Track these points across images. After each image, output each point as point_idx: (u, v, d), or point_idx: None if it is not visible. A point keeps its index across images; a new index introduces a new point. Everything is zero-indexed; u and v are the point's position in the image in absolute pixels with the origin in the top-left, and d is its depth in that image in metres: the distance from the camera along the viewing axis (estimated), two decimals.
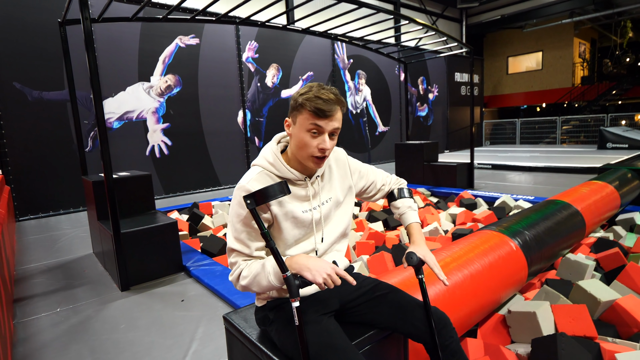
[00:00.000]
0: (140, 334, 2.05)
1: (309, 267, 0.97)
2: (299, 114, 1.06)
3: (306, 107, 1.03)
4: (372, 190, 1.38)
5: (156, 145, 6.39)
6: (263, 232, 0.96)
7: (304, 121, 1.05)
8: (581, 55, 16.40)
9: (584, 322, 1.72)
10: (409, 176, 6.37)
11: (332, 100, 1.03)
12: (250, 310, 1.34)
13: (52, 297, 2.57)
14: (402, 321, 1.14)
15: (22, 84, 5.07)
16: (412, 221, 1.33)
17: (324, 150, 1.06)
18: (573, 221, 2.60)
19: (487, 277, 1.78)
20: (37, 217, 5.23)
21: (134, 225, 2.78)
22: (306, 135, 1.05)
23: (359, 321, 1.20)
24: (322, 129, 1.04)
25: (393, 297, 1.18)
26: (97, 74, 2.56)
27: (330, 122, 1.04)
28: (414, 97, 11.70)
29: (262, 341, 1.15)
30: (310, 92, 1.04)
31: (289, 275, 0.94)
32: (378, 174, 1.39)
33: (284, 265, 0.95)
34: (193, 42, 6.64)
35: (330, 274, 0.96)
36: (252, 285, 1.05)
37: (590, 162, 7.76)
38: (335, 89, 1.07)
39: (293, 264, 1.01)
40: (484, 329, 1.90)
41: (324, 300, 1.14)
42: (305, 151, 1.07)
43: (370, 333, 1.17)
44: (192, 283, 2.71)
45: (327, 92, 1.04)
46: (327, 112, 1.03)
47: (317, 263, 0.98)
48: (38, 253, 3.59)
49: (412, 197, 1.40)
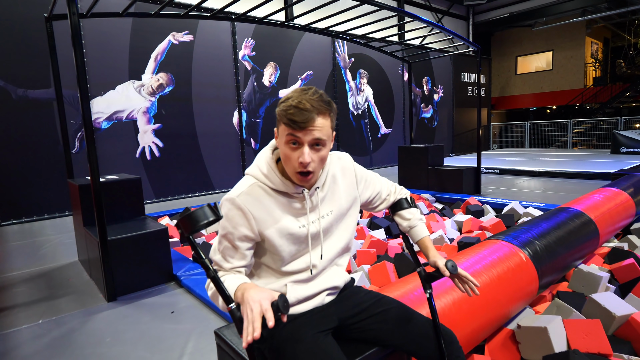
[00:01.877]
0: (126, 348, 2.03)
1: (243, 298, 0.89)
2: (279, 124, 1.03)
3: (282, 119, 1.00)
4: (377, 201, 1.35)
5: (147, 147, 6.38)
6: (195, 257, 0.91)
7: (282, 132, 1.02)
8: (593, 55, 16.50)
9: (598, 338, 1.71)
10: (413, 181, 6.37)
11: (307, 110, 0.97)
12: None
13: (34, 308, 2.54)
14: (406, 339, 1.12)
15: (5, 81, 5.06)
16: (424, 235, 1.32)
17: (304, 164, 1.01)
18: (586, 230, 2.59)
19: (495, 290, 1.76)
20: (20, 222, 5.21)
21: (122, 231, 2.77)
22: (286, 148, 1.02)
23: (359, 338, 1.18)
24: (300, 139, 0.99)
25: (396, 312, 1.16)
26: (84, 71, 2.55)
27: (308, 133, 0.98)
28: (418, 98, 11.73)
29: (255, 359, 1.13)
30: (288, 100, 1.00)
31: (232, 308, 0.88)
32: (383, 182, 1.37)
33: (229, 297, 0.90)
34: (187, 39, 6.66)
35: (252, 309, 0.84)
36: (214, 300, 1.05)
37: (603, 167, 7.77)
38: (321, 94, 1.02)
39: (237, 293, 0.94)
40: (491, 345, 1.88)
41: (322, 317, 1.12)
42: (289, 166, 1.03)
43: (371, 351, 1.15)
44: (183, 293, 2.69)
45: (305, 101, 0.98)
46: (301, 123, 0.97)
47: (252, 294, 0.89)
48: (20, 260, 3.56)
49: (417, 207, 1.39)
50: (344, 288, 1.25)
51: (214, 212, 0.89)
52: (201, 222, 0.87)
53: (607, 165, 8.14)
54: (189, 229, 0.88)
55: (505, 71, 17.71)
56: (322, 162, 1.05)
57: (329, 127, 1.02)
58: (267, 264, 1.14)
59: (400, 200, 1.37)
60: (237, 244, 1.06)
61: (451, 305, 1.55)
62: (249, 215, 1.04)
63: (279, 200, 1.09)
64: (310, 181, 1.07)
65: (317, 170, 1.05)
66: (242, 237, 1.05)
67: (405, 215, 1.35)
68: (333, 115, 1.04)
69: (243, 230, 1.05)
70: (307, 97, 0.99)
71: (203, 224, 0.87)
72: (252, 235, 1.06)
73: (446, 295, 1.58)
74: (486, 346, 1.88)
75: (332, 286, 1.20)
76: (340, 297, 1.22)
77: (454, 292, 1.60)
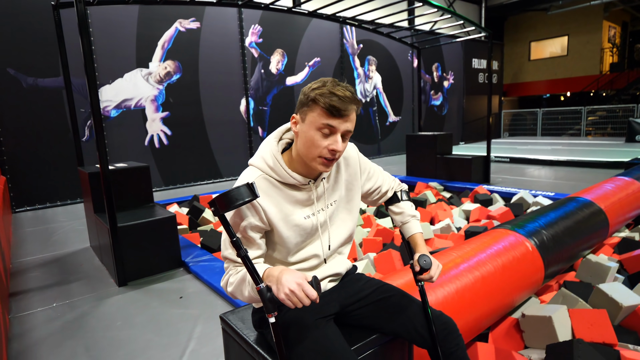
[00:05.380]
0: (136, 331, 2.09)
1: (278, 280, 0.90)
2: (310, 110, 1.01)
3: (319, 103, 0.98)
4: (376, 195, 1.36)
5: (155, 135, 6.44)
6: (233, 240, 0.90)
7: (316, 119, 1.00)
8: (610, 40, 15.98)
9: (604, 328, 1.70)
10: (421, 169, 6.33)
11: (348, 99, 0.98)
12: (248, 310, 1.35)
13: (48, 292, 2.62)
14: (405, 327, 1.14)
15: (16, 70, 5.12)
16: (416, 231, 1.32)
17: (335, 152, 1.02)
18: (595, 220, 2.56)
19: (499, 280, 1.76)
20: (33, 209, 5.33)
21: (132, 218, 2.82)
22: (316, 134, 1.00)
23: (359, 324, 1.20)
24: (335, 129, 1.00)
25: (396, 300, 1.18)
26: (91, 59, 2.57)
27: (344, 122, 1.00)
28: (428, 85, 11.56)
29: (259, 343, 1.16)
30: (324, 87, 0.99)
31: (262, 288, 0.89)
32: (385, 177, 1.38)
33: (258, 277, 0.90)
34: (193, 26, 6.63)
35: (294, 290, 0.87)
36: (237, 293, 1.04)
37: (617, 156, 7.62)
38: (351, 87, 1.03)
39: (269, 275, 0.95)
40: (495, 333, 1.89)
41: (323, 303, 1.14)
42: (313, 152, 1.02)
43: (372, 337, 1.17)
44: (191, 279, 2.75)
45: (343, 89, 0.99)
46: (342, 111, 0.98)
47: (287, 276, 0.90)
48: (34, 246, 3.66)
49: (411, 200, 1.39)
50: (346, 274, 1.27)
51: (251, 191, 0.90)
52: (238, 201, 0.88)
53: (621, 154, 7.97)
54: (225, 207, 0.88)
55: (518, 57, 17.30)
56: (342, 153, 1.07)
57: (355, 120, 1.05)
58: (274, 255, 1.15)
59: (395, 194, 1.38)
60: (250, 234, 1.06)
61: (454, 294, 1.56)
62: (258, 208, 1.04)
63: (285, 192, 1.10)
64: (329, 169, 1.08)
65: (338, 159, 1.07)
66: (254, 227, 1.06)
67: (395, 210, 1.37)
68: (359, 110, 1.06)
69: (253, 220, 1.05)
70: (342, 87, 1.00)
71: (239, 203, 0.89)
72: (262, 225, 1.07)
73: (449, 283, 1.59)
74: (490, 334, 1.89)
75: (334, 273, 1.21)
76: (342, 283, 1.24)
77: (457, 281, 1.61)
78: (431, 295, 1.50)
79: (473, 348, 1.71)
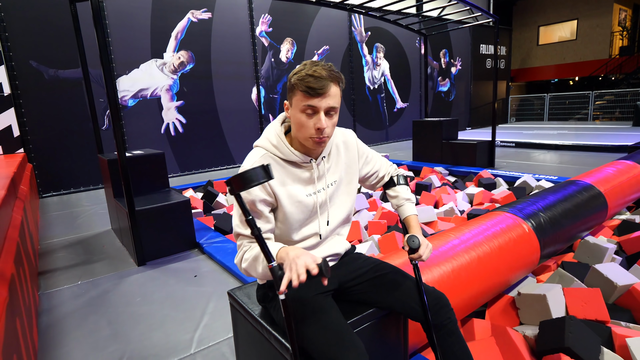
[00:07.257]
0: (154, 307, 2.17)
1: (288, 258, 0.91)
2: (293, 95, 1.05)
3: (298, 87, 1.03)
4: (374, 180, 1.38)
5: (171, 123, 6.50)
6: (248, 219, 0.89)
7: (298, 102, 1.04)
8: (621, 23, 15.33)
9: (597, 306, 1.71)
10: (427, 154, 6.28)
11: (323, 77, 1.01)
12: (254, 287, 1.40)
13: (73, 271, 2.73)
14: (399, 301, 1.17)
15: (38, 62, 5.20)
16: (410, 214, 1.33)
17: (321, 130, 1.04)
18: (594, 203, 2.52)
19: (495, 260, 1.77)
20: (59, 194, 5.49)
21: (149, 202, 2.89)
22: (302, 116, 1.05)
23: (357, 300, 1.23)
24: (316, 107, 1.03)
25: (392, 277, 1.20)
26: (106, 51, 2.60)
27: (323, 99, 1.02)
28: (435, 71, 11.33)
29: (264, 317, 1.21)
30: (302, 70, 1.03)
31: (274, 266, 0.89)
32: (383, 162, 1.39)
33: (270, 255, 0.90)
34: (205, 17, 6.59)
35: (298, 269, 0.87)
36: (251, 269, 1.06)
37: (623, 140, 7.42)
38: (331, 65, 1.05)
39: (281, 253, 0.96)
40: (492, 310, 1.91)
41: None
42: (304, 133, 1.06)
43: (369, 311, 1.20)
44: (205, 259, 2.82)
45: (319, 69, 1.02)
46: (318, 90, 1.01)
47: (296, 255, 0.91)
48: (60, 228, 3.78)
49: (408, 185, 1.39)
50: (345, 254, 1.29)
51: (266, 173, 0.90)
52: (254, 182, 0.88)
53: (627, 138, 7.76)
54: (240, 187, 0.89)
55: (526, 42, 16.76)
56: (333, 128, 1.09)
57: (339, 95, 1.07)
58: (277, 233, 1.18)
59: (391, 178, 1.39)
60: (259, 208, 1.08)
61: (450, 273, 1.58)
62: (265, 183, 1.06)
63: (288, 169, 1.13)
64: (322, 146, 1.10)
65: (330, 135, 1.09)
66: (262, 201, 1.08)
67: (392, 194, 1.38)
68: (342, 85, 1.07)
69: (261, 194, 1.07)
70: (319, 67, 1.03)
71: (255, 183, 0.89)
72: (270, 198, 1.10)
73: (446, 263, 1.61)
74: (487, 311, 1.92)
75: (334, 253, 1.24)
76: (341, 262, 1.27)
77: (453, 261, 1.63)
78: (427, 273, 1.53)
79: (470, 324, 1.74)
